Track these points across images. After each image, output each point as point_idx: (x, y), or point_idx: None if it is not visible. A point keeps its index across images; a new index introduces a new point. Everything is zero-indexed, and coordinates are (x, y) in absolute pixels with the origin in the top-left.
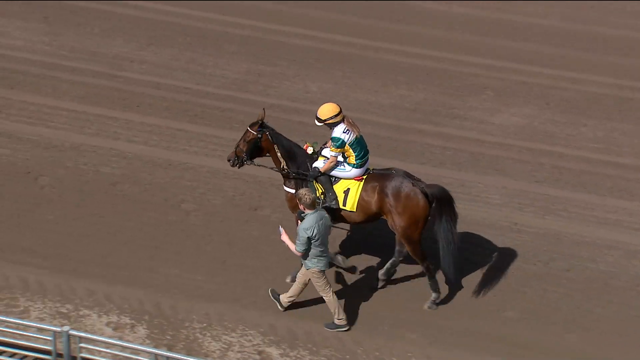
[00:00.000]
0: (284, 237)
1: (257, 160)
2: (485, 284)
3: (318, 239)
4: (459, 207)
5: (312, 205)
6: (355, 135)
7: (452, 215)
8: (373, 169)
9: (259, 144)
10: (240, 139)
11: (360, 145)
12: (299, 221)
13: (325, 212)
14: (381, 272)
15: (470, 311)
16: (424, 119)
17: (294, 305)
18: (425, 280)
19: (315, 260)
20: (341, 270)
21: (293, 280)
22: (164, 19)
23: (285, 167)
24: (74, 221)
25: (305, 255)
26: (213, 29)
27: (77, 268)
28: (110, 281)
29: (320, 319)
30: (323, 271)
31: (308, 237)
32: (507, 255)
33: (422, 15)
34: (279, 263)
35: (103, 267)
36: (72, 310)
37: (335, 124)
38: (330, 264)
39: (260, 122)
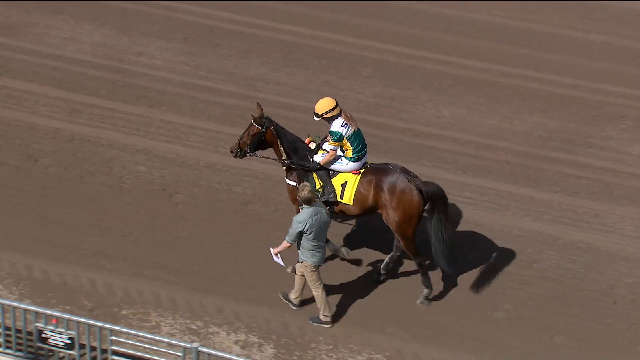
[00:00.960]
0: (274, 251)
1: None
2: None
3: (311, 233)
4: (593, 237)
5: (307, 201)
6: (353, 129)
7: (445, 214)
8: (371, 164)
9: (263, 137)
10: (244, 132)
11: (357, 139)
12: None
13: (322, 208)
14: (381, 266)
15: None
16: (558, 147)
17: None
18: (416, 276)
19: (309, 254)
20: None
21: (293, 270)
22: (300, 41)
23: (286, 159)
24: (206, 239)
25: (298, 247)
26: (349, 52)
27: (207, 285)
28: (239, 299)
29: (444, 345)
30: (316, 266)
31: (300, 231)
32: None
33: (559, 42)
34: (405, 282)
35: (232, 285)
36: (201, 327)
37: (333, 118)
38: (333, 258)
39: (264, 117)
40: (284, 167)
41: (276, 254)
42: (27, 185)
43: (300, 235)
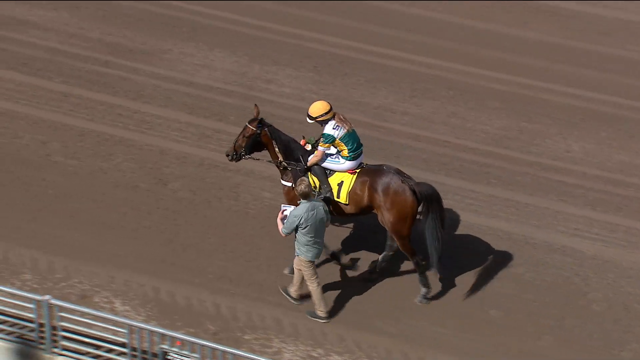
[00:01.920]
0: (279, 218)
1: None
2: None
3: (306, 228)
4: None
5: (305, 196)
6: (346, 130)
7: (440, 213)
8: (366, 164)
9: (258, 139)
10: (239, 135)
11: (352, 139)
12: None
13: (320, 204)
14: (375, 266)
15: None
16: None
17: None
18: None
19: (304, 249)
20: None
21: (291, 272)
22: (428, 71)
23: (282, 160)
24: (332, 267)
25: (297, 242)
26: (477, 84)
27: (330, 314)
28: (360, 328)
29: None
30: (312, 261)
31: (296, 225)
32: None
33: None
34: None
35: (354, 314)
36: (322, 355)
37: (326, 121)
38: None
39: (259, 118)
40: (280, 168)
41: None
42: (157, 208)
43: (296, 228)
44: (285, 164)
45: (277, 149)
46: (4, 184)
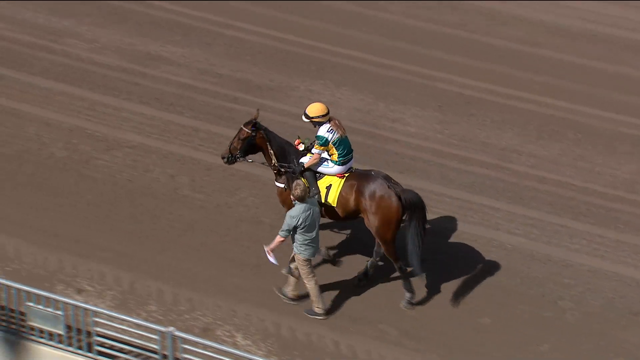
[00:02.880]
0: (268, 249)
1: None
2: None
3: (304, 228)
4: None
5: (301, 198)
6: (339, 135)
7: (422, 220)
8: (355, 169)
9: (253, 141)
10: (235, 137)
11: (343, 145)
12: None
13: (315, 203)
14: (360, 272)
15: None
16: None
17: None
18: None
19: (302, 248)
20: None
21: (288, 272)
22: (556, 114)
23: (276, 163)
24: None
25: (292, 241)
26: (606, 127)
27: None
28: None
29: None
30: (309, 259)
31: (294, 226)
32: None
33: None
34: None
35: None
36: None
37: (321, 123)
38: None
39: (253, 121)
40: (274, 171)
41: (269, 252)
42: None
43: (294, 229)
44: (279, 167)
45: (271, 152)
46: (134, 216)
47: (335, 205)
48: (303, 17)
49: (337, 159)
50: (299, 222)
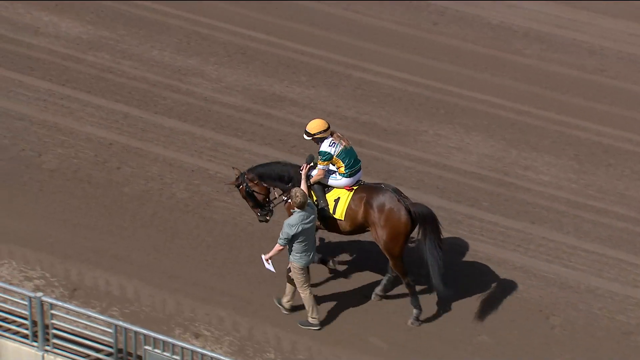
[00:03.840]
0: (265, 257)
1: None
2: None
3: (302, 236)
4: None
5: (302, 205)
6: (342, 147)
7: (437, 234)
8: (365, 182)
9: (250, 190)
10: (244, 198)
11: (349, 156)
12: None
13: (313, 211)
14: (378, 287)
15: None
16: None
17: None
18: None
19: (298, 256)
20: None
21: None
22: None
23: (279, 194)
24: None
25: (289, 250)
26: None
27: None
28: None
29: None
30: (304, 268)
31: (292, 235)
32: None
33: None
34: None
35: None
36: None
37: (323, 139)
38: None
39: (237, 177)
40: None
41: (267, 260)
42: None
43: (293, 238)
44: (285, 190)
45: (272, 189)
46: (253, 260)
47: (343, 218)
48: (432, 60)
49: (344, 171)
50: (298, 230)
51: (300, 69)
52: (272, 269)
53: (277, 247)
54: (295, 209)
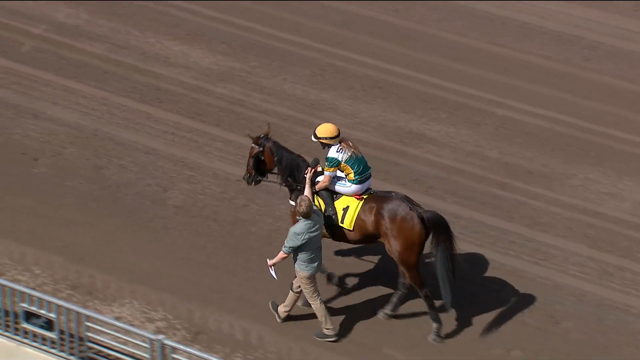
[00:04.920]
0: (270, 263)
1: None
2: None
3: (308, 245)
4: None
5: (306, 215)
6: (350, 154)
7: (449, 243)
8: (375, 191)
9: (262, 157)
10: (249, 156)
11: (358, 162)
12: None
13: (319, 219)
14: (387, 306)
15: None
16: None
17: None
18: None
19: (304, 265)
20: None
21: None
22: None
23: (283, 181)
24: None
25: (294, 258)
26: None
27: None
28: None
29: None
30: (312, 277)
31: (299, 244)
32: None
33: None
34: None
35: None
36: None
37: (330, 145)
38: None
39: (261, 136)
40: (289, 188)
41: (271, 266)
42: (544, 349)
43: (298, 246)
44: (288, 184)
45: (277, 168)
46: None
47: (352, 229)
48: (583, 98)
49: (353, 178)
50: (304, 239)
51: (440, 105)
52: (275, 277)
53: (282, 254)
54: (300, 218)
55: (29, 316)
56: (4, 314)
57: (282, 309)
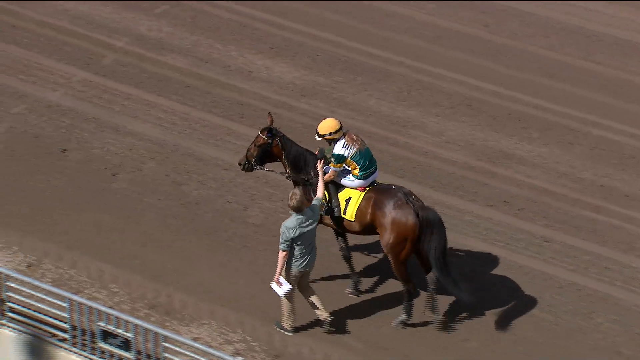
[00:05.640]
0: (275, 277)
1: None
2: None
3: (301, 240)
4: None
5: (297, 209)
6: (356, 149)
7: (440, 242)
8: (378, 183)
9: (269, 149)
10: (252, 143)
11: (363, 158)
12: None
13: (313, 214)
14: (427, 308)
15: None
16: None
17: None
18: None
19: (296, 259)
20: None
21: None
22: None
23: (289, 173)
24: None
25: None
26: None
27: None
28: None
29: None
30: (300, 273)
31: (291, 238)
32: None
33: None
34: None
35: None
36: None
37: (335, 140)
38: None
39: (271, 127)
40: (292, 182)
41: (277, 280)
42: None
43: (292, 242)
44: (294, 178)
45: (286, 161)
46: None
47: (353, 219)
48: None
49: (358, 174)
50: (296, 234)
51: (532, 124)
52: (287, 288)
53: (281, 254)
54: (292, 212)
55: (106, 335)
56: (81, 333)
57: (286, 322)
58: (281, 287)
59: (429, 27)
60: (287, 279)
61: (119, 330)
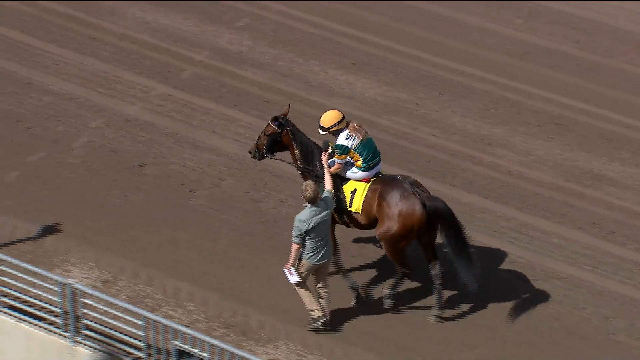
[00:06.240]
0: (287, 266)
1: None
2: None
3: (314, 232)
4: None
5: (312, 200)
6: (359, 140)
7: (454, 229)
8: (383, 174)
9: (278, 138)
10: (262, 132)
11: (366, 149)
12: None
13: (327, 206)
14: (435, 308)
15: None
16: None
17: None
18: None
19: (310, 253)
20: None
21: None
22: None
23: (299, 164)
24: None
25: (302, 246)
26: None
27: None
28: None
29: None
30: (313, 267)
31: (305, 230)
32: None
33: None
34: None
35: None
36: None
37: (339, 132)
38: None
39: (281, 116)
40: (299, 172)
41: (289, 269)
42: None
43: (305, 234)
44: (302, 169)
45: (296, 152)
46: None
47: (360, 212)
48: None
49: (361, 165)
50: (310, 226)
51: (623, 144)
52: (297, 279)
53: (294, 247)
54: (306, 204)
55: (182, 355)
56: (156, 352)
57: (314, 315)
58: (292, 275)
59: (516, 43)
60: (302, 272)
61: (195, 350)
